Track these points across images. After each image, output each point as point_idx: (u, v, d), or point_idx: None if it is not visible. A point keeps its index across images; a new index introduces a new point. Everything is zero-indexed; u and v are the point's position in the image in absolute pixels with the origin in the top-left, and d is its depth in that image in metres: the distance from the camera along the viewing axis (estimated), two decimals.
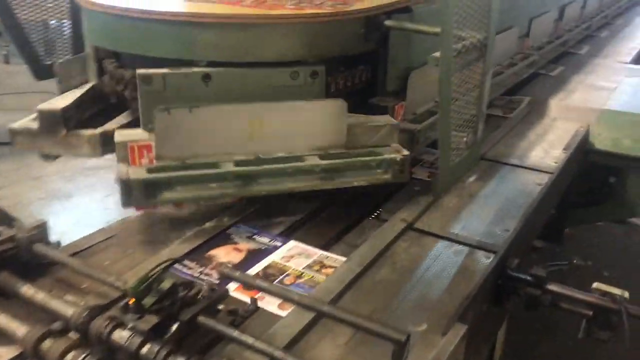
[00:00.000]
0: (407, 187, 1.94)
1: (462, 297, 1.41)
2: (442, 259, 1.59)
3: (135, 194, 1.51)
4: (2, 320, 1.27)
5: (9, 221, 1.53)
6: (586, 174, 2.77)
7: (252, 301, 1.35)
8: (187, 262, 1.52)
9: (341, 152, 1.71)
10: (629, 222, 4.24)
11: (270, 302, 1.35)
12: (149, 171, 1.56)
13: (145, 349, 1.11)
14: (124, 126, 1.75)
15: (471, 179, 2.05)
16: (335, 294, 1.40)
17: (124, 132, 1.69)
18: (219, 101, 1.66)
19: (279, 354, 1.10)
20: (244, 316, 1.29)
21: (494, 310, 1.62)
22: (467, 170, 1.97)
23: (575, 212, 3.07)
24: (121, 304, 1.20)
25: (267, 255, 1.57)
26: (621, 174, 2.80)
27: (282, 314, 1.32)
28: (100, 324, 1.15)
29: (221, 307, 1.25)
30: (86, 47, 1.93)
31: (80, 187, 4.58)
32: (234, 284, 1.40)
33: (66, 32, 2.17)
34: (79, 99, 1.82)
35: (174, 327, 1.13)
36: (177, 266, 1.48)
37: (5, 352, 1.24)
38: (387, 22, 1.85)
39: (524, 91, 3.18)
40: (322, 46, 1.76)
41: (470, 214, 1.82)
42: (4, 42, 7.33)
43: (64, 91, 1.88)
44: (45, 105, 1.76)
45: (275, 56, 1.71)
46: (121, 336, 1.14)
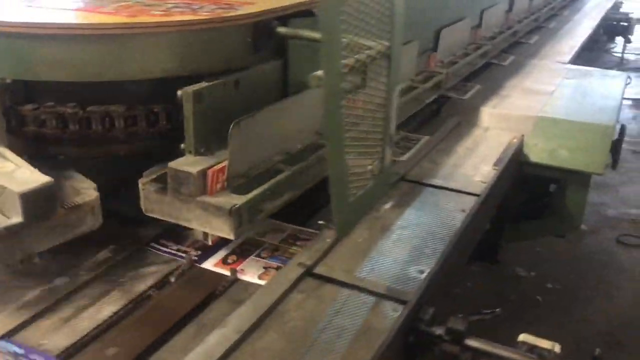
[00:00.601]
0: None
1: None
2: (344, 314, 1.31)
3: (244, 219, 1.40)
4: None
5: None
6: (523, 185, 2.55)
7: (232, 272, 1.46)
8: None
9: None
10: None
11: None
12: (239, 191, 1.42)
13: None
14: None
15: (387, 206, 1.76)
16: None
17: (180, 163, 1.39)
18: None
19: None
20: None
21: None
22: (376, 200, 1.65)
23: (512, 227, 2.80)
24: None
25: None
26: (560, 186, 2.57)
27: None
28: None
29: None
30: None
31: None
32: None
33: None
34: None
35: None
36: None
37: None
38: (280, 29, 1.56)
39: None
40: (197, 60, 1.45)
41: (381, 252, 1.54)
42: None
43: None
44: None
45: (137, 73, 1.40)
46: None
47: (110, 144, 1.48)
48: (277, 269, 1.49)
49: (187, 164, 1.41)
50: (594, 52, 7.06)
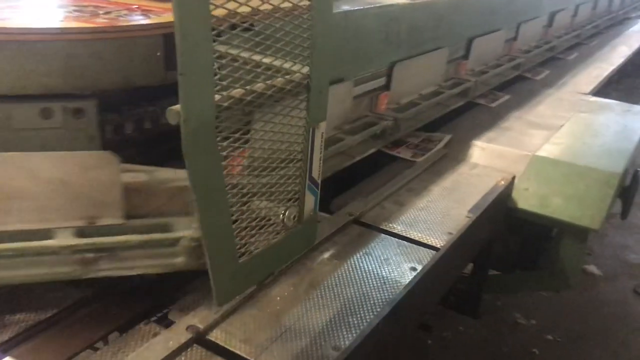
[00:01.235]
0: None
1: None
2: None
3: None
4: None
5: None
6: (511, 232, 2.19)
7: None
8: None
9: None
10: None
11: None
12: None
13: None
14: None
15: (325, 255, 1.45)
16: None
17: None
18: None
19: None
20: None
21: None
22: (289, 257, 1.33)
23: (495, 278, 2.37)
24: None
25: None
26: (554, 237, 2.17)
27: None
28: None
29: None
30: None
31: None
32: None
33: None
34: None
35: None
36: None
37: None
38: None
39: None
40: (90, 74, 1.20)
41: (297, 317, 1.23)
42: None
43: None
44: None
45: (11, 87, 1.16)
46: None
47: None
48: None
49: None
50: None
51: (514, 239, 2.27)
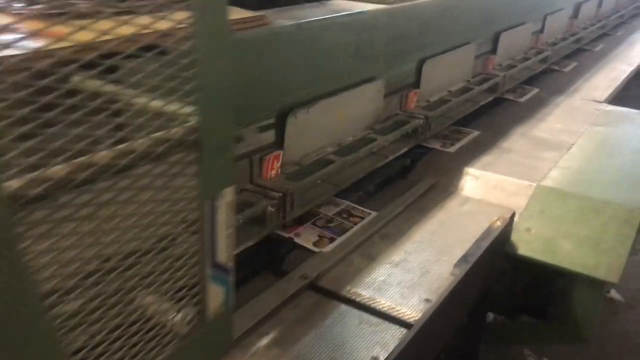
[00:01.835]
0: None
1: None
2: None
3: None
4: None
5: None
6: (515, 271, 1.74)
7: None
8: None
9: None
10: None
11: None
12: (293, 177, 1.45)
13: None
14: None
15: (262, 344, 1.06)
16: None
17: None
18: None
19: None
20: None
21: None
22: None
23: (497, 326, 1.95)
24: None
25: None
26: (563, 287, 1.67)
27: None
28: None
29: None
30: None
31: None
32: None
33: None
34: None
35: None
36: None
37: None
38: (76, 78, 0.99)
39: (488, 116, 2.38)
40: None
41: None
42: None
43: None
44: None
45: None
46: None
47: None
48: (330, 239, 1.44)
49: None
50: None
51: (519, 279, 1.76)
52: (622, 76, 2.95)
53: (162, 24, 0.64)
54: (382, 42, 1.72)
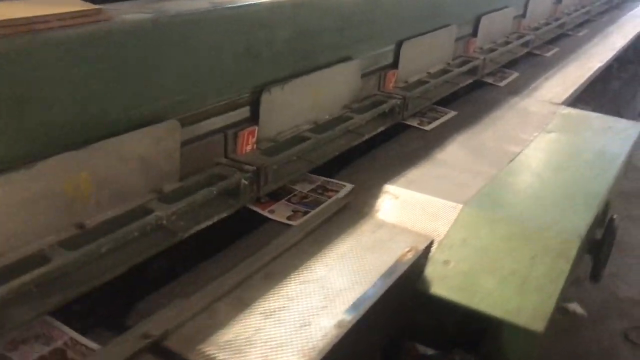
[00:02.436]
0: None
1: None
2: None
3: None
4: None
5: None
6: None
7: None
8: None
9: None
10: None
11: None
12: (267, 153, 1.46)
13: None
14: None
15: None
16: None
17: None
18: None
19: None
20: None
21: None
22: None
23: None
24: None
25: None
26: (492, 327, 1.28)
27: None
28: None
29: None
30: None
31: None
32: None
33: None
34: None
35: None
36: None
37: None
38: None
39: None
40: None
41: None
42: None
43: None
44: None
45: None
46: None
47: None
48: (305, 213, 1.41)
49: None
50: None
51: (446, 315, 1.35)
52: (587, 74, 2.91)
53: None
54: (343, 26, 1.71)
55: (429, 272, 1.32)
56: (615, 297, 2.88)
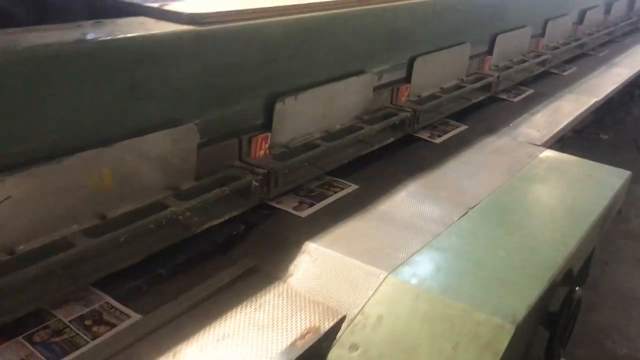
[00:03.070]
0: None
1: None
2: None
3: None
4: None
5: None
6: None
7: None
8: None
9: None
10: None
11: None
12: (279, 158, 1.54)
13: None
14: None
15: None
16: None
17: None
18: None
19: None
20: None
21: None
22: None
23: None
24: None
25: None
26: None
27: None
28: None
29: None
30: None
31: None
32: None
33: None
34: None
35: None
36: None
37: None
38: None
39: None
40: None
41: None
42: None
43: None
44: None
45: None
46: None
47: None
48: (310, 205, 1.52)
49: None
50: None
51: None
52: (578, 111, 2.63)
53: None
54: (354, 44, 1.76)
55: (332, 358, 1.09)
56: (611, 356, 2.33)
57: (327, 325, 1.10)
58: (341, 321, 1.13)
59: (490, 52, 2.69)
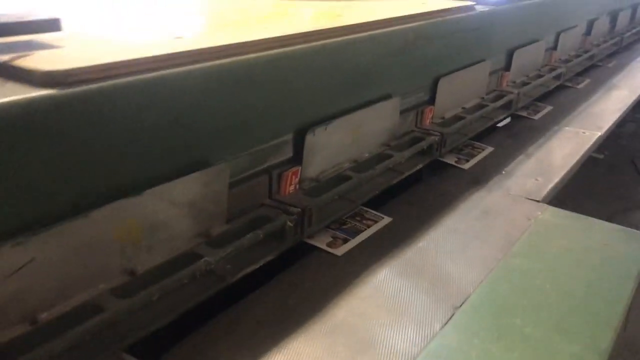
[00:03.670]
0: None
1: None
2: None
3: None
4: None
5: None
6: None
7: None
8: None
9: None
10: None
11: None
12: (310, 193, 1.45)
13: None
14: None
15: None
16: None
17: None
18: None
19: None
20: None
21: None
22: None
23: None
24: None
25: None
26: None
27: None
28: None
29: None
30: None
31: None
32: None
33: None
34: None
35: None
36: None
37: None
38: None
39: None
40: None
41: None
42: None
43: None
44: None
45: None
46: None
47: None
48: (345, 240, 1.41)
49: None
50: None
51: None
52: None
53: None
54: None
55: None
56: None
57: None
58: None
59: (507, 68, 2.61)
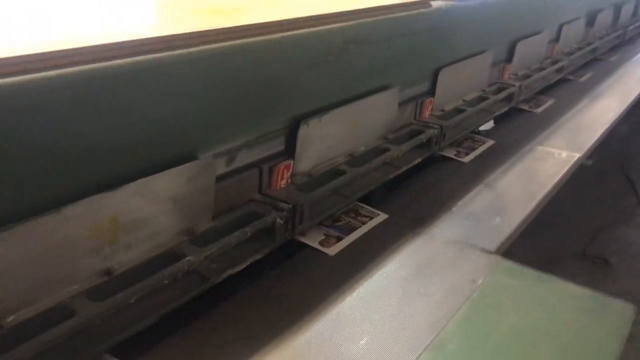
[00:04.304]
0: None
1: None
2: None
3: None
4: None
5: None
6: None
7: None
8: None
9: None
10: None
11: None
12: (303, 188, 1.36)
13: None
14: None
15: None
16: None
17: None
18: None
19: None
20: None
21: None
22: None
23: None
24: None
25: None
26: None
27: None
28: None
29: None
30: None
31: None
32: None
33: None
34: None
35: None
36: None
37: None
38: None
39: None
40: None
41: None
42: None
43: None
44: None
45: None
46: None
47: None
48: (338, 239, 1.33)
49: None
50: None
51: None
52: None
53: None
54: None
55: None
56: None
57: None
58: None
59: (509, 59, 2.53)
